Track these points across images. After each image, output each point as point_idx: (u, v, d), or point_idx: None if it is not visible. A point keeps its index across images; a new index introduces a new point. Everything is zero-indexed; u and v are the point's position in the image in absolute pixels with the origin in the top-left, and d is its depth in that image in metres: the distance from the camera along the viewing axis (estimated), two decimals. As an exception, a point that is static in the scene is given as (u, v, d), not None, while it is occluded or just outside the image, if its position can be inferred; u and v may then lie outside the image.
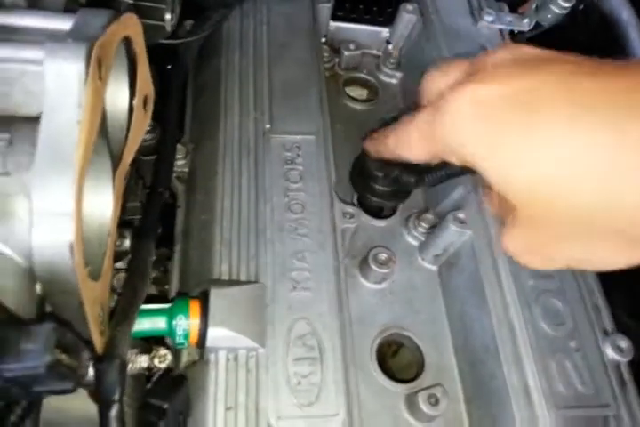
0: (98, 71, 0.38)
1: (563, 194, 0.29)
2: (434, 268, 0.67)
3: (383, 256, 0.63)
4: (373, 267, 0.62)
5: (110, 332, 0.43)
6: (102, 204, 0.44)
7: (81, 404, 0.52)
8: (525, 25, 0.82)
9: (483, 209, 0.62)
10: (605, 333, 0.57)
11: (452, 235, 0.62)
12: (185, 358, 0.51)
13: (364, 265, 0.64)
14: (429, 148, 0.38)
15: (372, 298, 0.64)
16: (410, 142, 0.40)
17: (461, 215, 0.62)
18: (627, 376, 0.56)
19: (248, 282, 0.53)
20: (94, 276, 0.40)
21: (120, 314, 0.44)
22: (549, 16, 0.80)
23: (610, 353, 0.56)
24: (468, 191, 0.63)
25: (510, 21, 0.82)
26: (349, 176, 0.63)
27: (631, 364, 0.57)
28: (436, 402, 0.56)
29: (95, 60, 0.37)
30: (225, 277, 0.53)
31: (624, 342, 0.56)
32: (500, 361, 0.54)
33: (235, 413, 0.46)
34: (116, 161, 0.46)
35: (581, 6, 0.87)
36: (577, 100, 0.29)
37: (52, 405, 0.45)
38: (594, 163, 0.28)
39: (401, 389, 0.59)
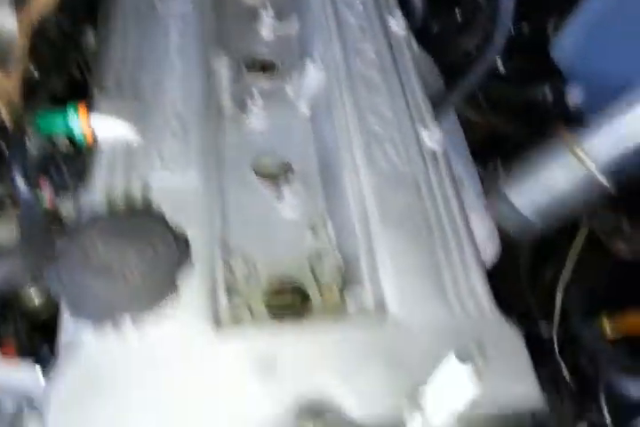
0: None
1: None
2: (307, 111, 0.82)
3: (257, 95, 0.78)
4: (251, 104, 0.77)
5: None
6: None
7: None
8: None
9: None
10: (424, 125, 0.72)
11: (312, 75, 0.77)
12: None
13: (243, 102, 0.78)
14: None
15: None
16: None
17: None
18: (441, 160, 0.71)
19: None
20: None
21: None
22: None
23: (427, 140, 0.71)
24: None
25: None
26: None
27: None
28: (294, 186, 0.71)
29: None
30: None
31: (436, 131, 0.71)
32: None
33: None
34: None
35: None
36: None
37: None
38: None
39: (270, 187, 0.73)
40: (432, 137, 0.71)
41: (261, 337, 0.57)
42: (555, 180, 0.44)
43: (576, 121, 0.90)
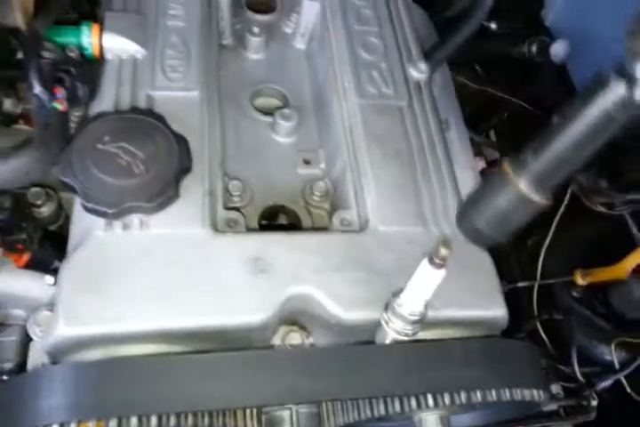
0: None
1: None
2: (303, 47, 0.86)
3: (256, 30, 0.82)
4: (250, 37, 0.81)
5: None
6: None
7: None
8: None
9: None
10: (411, 60, 0.77)
11: (308, 10, 0.81)
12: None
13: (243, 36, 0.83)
14: None
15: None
16: None
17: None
18: (425, 92, 0.75)
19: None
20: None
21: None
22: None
23: (413, 73, 0.76)
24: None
25: None
26: None
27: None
28: (289, 118, 0.75)
29: None
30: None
31: (422, 65, 0.76)
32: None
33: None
34: None
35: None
36: None
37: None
38: None
39: (266, 118, 0.78)
40: (418, 70, 0.75)
41: (254, 242, 0.62)
42: (499, 203, 0.60)
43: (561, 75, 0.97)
